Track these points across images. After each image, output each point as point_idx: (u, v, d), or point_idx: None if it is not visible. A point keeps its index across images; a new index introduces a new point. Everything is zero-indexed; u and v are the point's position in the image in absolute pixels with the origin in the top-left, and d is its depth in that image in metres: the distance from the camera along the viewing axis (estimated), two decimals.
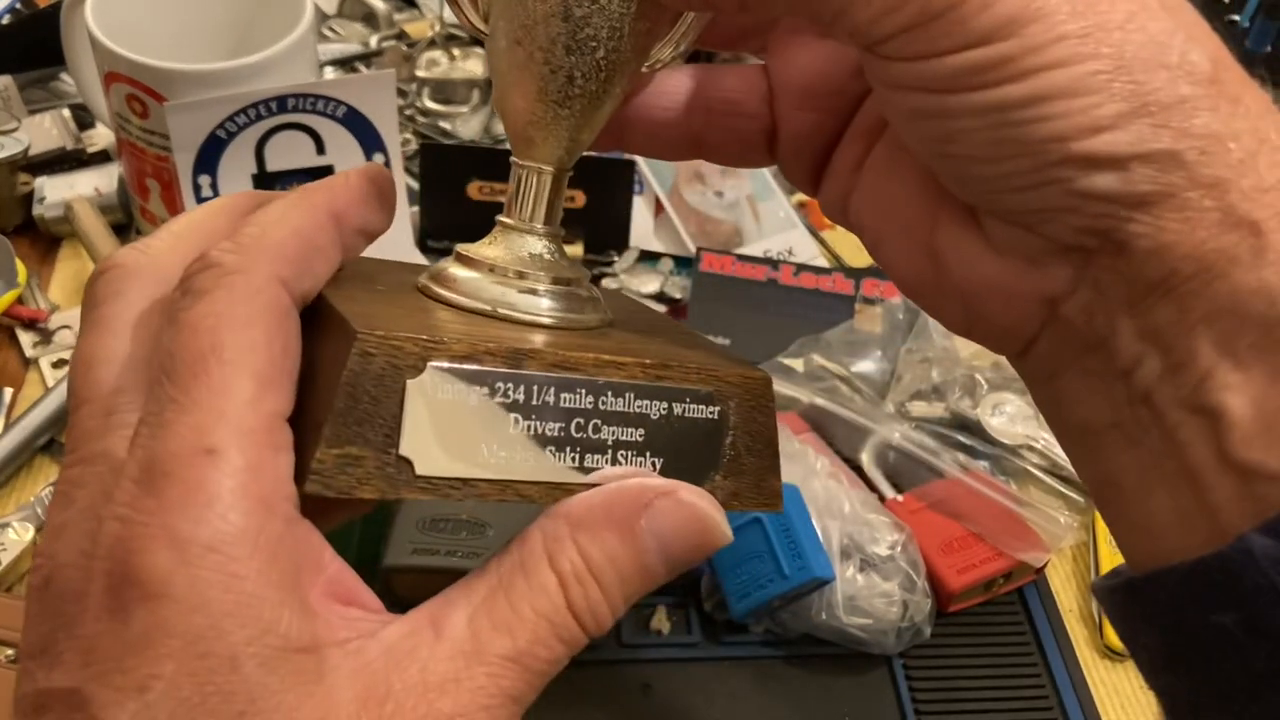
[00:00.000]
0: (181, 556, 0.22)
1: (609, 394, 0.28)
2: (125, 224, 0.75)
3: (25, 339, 0.68)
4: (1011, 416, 0.66)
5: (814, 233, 0.80)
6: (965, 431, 0.66)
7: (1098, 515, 0.63)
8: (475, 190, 0.75)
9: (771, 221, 0.79)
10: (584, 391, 0.28)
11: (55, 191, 0.74)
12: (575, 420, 0.28)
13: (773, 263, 0.75)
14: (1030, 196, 0.26)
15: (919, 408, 0.67)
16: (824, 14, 0.26)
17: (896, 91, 0.27)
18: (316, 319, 0.27)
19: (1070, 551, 0.63)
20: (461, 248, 0.32)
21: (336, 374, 0.25)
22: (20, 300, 0.69)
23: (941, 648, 0.57)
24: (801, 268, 0.75)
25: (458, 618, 0.25)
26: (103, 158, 0.78)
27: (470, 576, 0.27)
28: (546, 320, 0.31)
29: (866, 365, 0.69)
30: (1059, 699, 0.56)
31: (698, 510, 0.27)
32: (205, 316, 0.24)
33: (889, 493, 0.62)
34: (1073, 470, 0.64)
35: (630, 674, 0.55)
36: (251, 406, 0.24)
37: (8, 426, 0.62)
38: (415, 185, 0.76)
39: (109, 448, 0.25)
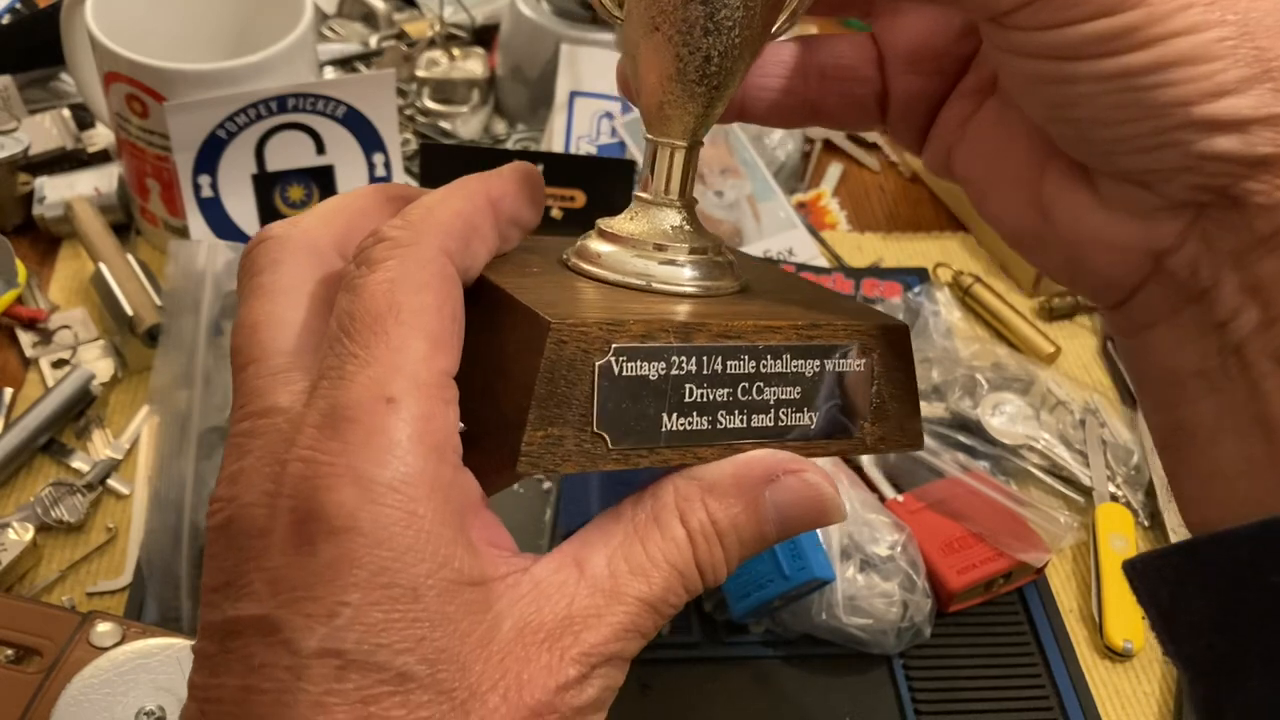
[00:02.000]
0: (366, 494, 0.24)
1: (768, 357, 0.30)
2: (125, 224, 0.75)
3: (25, 339, 0.68)
4: (1011, 416, 0.66)
5: (814, 233, 0.80)
6: (965, 431, 0.66)
7: (1097, 516, 0.63)
8: None
9: (771, 221, 0.79)
10: (747, 357, 0.30)
11: (55, 191, 0.74)
12: (741, 384, 0.30)
13: (773, 263, 0.75)
14: (1149, 158, 0.26)
15: None
16: None
17: (1019, 59, 0.27)
18: (483, 302, 0.29)
19: (1070, 551, 0.63)
20: (603, 222, 0.33)
21: (530, 360, 0.27)
22: (20, 300, 0.69)
23: (941, 648, 0.57)
24: (801, 268, 0.75)
25: (598, 559, 0.28)
26: (103, 158, 0.78)
27: (604, 520, 0.29)
28: (690, 289, 0.32)
29: None
30: (1059, 699, 0.56)
31: (819, 490, 0.29)
32: (381, 282, 0.26)
33: (889, 493, 0.62)
34: (1072, 470, 0.65)
35: (629, 674, 0.55)
36: (425, 363, 0.26)
37: (8, 426, 0.62)
38: (415, 185, 0.76)
39: (279, 402, 0.26)
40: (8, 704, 0.47)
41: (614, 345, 0.28)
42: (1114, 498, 0.65)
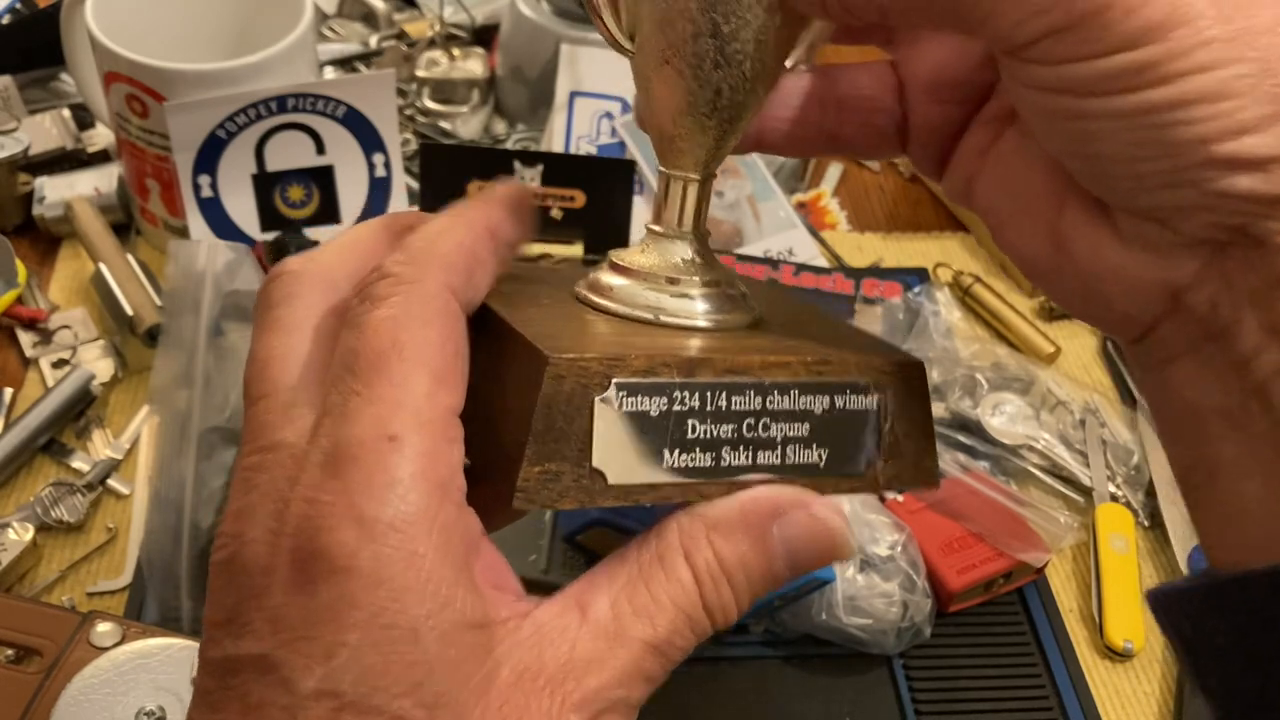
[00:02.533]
0: (366, 534, 0.24)
1: (775, 393, 0.29)
2: (125, 224, 0.75)
3: (25, 339, 0.68)
4: (1011, 416, 0.66)
5: (814, 233, 0.80)
6: (965, 431, 0.66)
7: (1097, 516, 0.63)
8: (475, 190, 0.75)
9: (772, 221, 0.79)
10: (753, 393, 0.29)
11: (55, 191, 0.74)
12: (746, 421, 0.29)
13: (773, 263, 0.75)
14: (1168, 195, 0.26)
15: None
16: (967, 22, 0.26)
17: (1037, 93, 0.27)
18: (488, 333, 0.29)
19: (1070, 551, 0.63)
20: (615, 255, 0.33)
21: (529, 395, 0.26)
22: (20, 300, 0.69)
23: (941, 648, 0.58)
24: (802, 268, 0.75)
25: (601, 601, 0.27)
26: (103, 158, 0.78)
27: (610, 562, 0.28)
28: (702, 323, 0.32)
29: None
30: (1059, 699, 0.56)
31: (828, 525, 0.29)
32: (385, 319, 0.26)
33: (889, 493, 0.62)
34: (1072, 470, 0.65)
35: None
36: (429, 400, 0.25)
37: (8, 426, 0.62)
38: (415, 185, 0.76)
39: (286, 438, 0.26)
40: (8, 704, 0.47)
41: (614, 380, 0.27)
42: (1114, 498, 0.65)
